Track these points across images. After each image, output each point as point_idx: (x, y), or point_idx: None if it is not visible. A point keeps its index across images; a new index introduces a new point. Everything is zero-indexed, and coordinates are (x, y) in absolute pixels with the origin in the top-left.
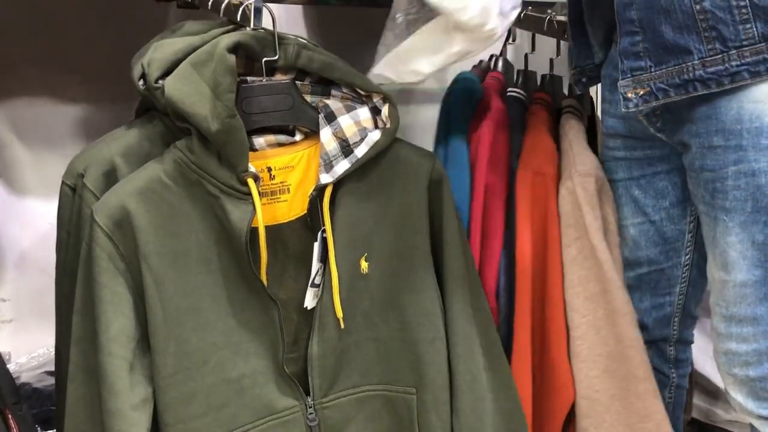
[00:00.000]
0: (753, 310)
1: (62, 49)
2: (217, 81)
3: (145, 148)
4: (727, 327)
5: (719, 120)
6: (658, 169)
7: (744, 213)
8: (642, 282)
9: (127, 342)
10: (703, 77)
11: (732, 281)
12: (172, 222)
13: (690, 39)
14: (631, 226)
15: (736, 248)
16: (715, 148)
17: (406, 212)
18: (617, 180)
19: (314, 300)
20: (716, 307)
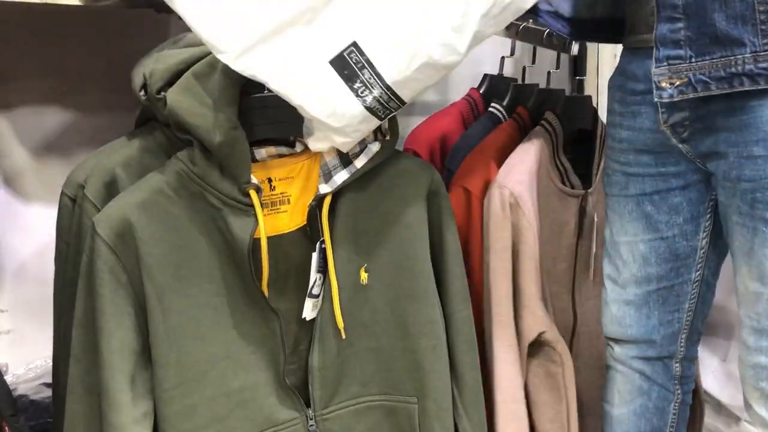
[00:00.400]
0: None
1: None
2: (220, 92)
3: (146, 159)
4: (757, 340)
5: (759, 129)
6: (673, 185)
7: None
8: (650, 299)
9: (129, 355)
10: (753, 72)
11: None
12: (174, 233)
13: (745, 30)
14: (642, 242)
15: None
16: (756, 158)
17: (406, 222)
18: (629, 195)
19: (314, 311)
20: (747, 320)
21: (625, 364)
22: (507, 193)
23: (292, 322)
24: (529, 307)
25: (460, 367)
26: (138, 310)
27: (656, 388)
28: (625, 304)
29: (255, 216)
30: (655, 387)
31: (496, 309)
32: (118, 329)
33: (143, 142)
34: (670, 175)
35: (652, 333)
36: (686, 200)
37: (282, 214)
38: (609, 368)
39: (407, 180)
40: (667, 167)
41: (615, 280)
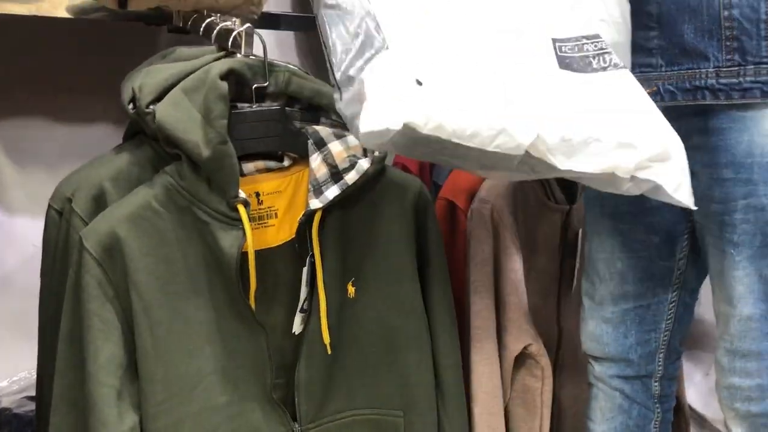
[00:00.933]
0: (758, 345)
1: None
2: (210, 108)
3: (134, 173)
4: (731, 361)
5: (729, 152)
6: (648, 205)
7: (752, 247)
8: (627, 317)
9: (116, 370)
10: (714, 87)
11: (738, 315)
12: (162, 248)
13: (710, 45)
14: (618, 260)
15: (743, 282)
16: (725, 180)
17: (394, 237)
18: (606, 213)
19: (302, 325)
20: (721, 341)
21: (605, 383)
22: (489, 207)
23: (280, 336)
24: (514, 320)
25: (444, 380)
26: (125, 325)
27: (636, 407)
28: (602, 322)
29: (243, 230)
30: (635, 405)
31: (475, 322)
32: (105, 344)
33: (131, 155)
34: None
35: (629, 352)
36: (662, 220)
37: (269, 228)
38: (591, 386)
39: (395, 194)
40: None
41: (592, 296)
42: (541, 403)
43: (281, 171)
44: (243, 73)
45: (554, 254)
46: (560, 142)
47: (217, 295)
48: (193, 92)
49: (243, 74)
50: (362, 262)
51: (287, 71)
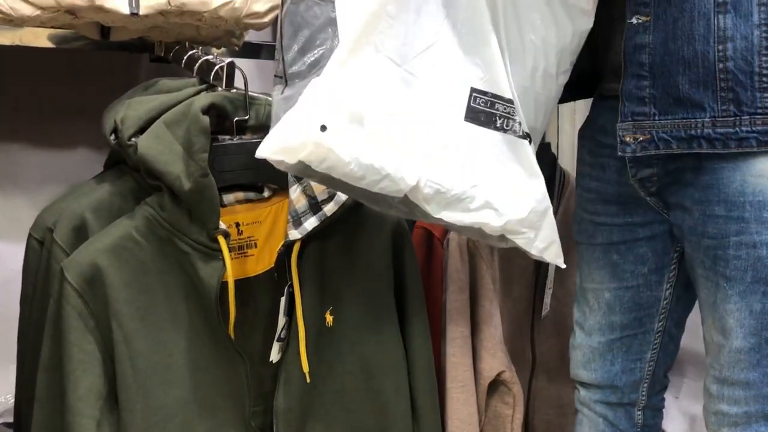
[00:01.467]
0: (746, 375)
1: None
2: (191, 141)
3: (115, 204)
4: (720, 389)
5: (722, 191)
6: (639, 235)
7: (744, 283)
8: (614, 346)
9: (96, 401)
10: (711, 136)
11: (728, 346)
12: (142, 279)
13: (705, 95)
14: (607, 290)
15: (734, 316)
16: (718, 217)
17: (371, 267)
18: (596, 244)
19: (279, 353)
20: (711, 369)
21: (590, 408)
22: (465, 236)
23: (258, 364)
24: (488, 348)
25: (420, 407)
26: (105, 355)
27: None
28: (590, 350)
29: (223, 260)
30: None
31: (450, 349)
32: (85, 375)
33: (113, 186)
34: (636, 225)
35: (615, 379)
36: (652, 250)
37: (249, 257)
38: (577, 411)
39: (372, 224)
40: (634, 218)
41: (582, 325)
42: (511, 429)
43: (261, 202)
44: (224, 106)
45: (529, 282)
46: (435, 193)
47: (196, 324)
48: (175, 126)
49: (224, 108)
50: (340, 291)
51: (268, 104)
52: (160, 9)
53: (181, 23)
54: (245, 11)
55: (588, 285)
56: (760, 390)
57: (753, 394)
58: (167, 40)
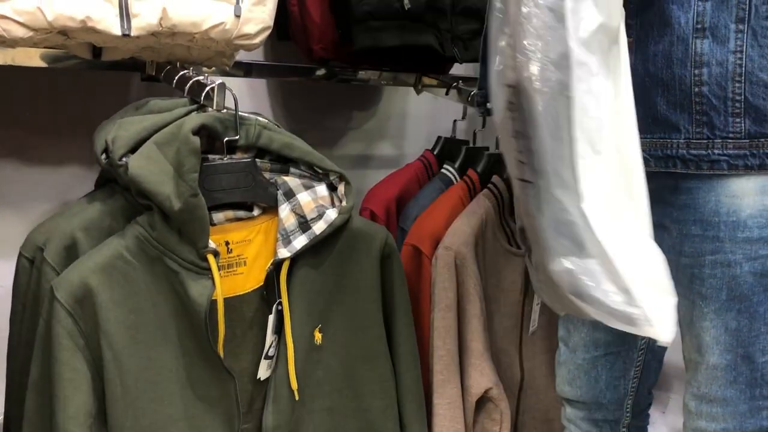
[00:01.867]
0: (723, 392)
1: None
2: (181, 162)
3: (106, 223)
4: (698, 406)
5: (698, 210)
6: None
7: (719, 301)
8: (598, 363)
9: (85, 419)
10: (685, 157)
11: (705, 363)
12: (132, 298)
13: (681, 117)
14: None
15: (710, 333)
16: (694, 237)
17: (360, 284)
18: None
19: (268, 371)
20: (689, 386)
21: (576, 425)
22: (453, 254)
23: (247, 381)
24: (476, 365)
25: (408, 425)
26: (95, 374)
27: None
28: (575, 367)
29: (212, 279)
30: None
31: (437, 366)
32: (75, 394)
33: (103, 205)
34: None
35: (600, 396)
36: None
37: (238, 275)
38: (563, 428)
39: (361, 243)
40: None
41: (566, 342)
42: None
43: (251, 220)
44: (214, 127)
45: (517, 298)
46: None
47: (186, 342)
48: (166, 146)
49: (214, 128)
50: (329, 309)
51: (258, 125)
52: (151, 30)
53: (173, 44)
54: (236, 33)
55: None
56: (737, 407)
57: (731, 410)
58: (159, 60)
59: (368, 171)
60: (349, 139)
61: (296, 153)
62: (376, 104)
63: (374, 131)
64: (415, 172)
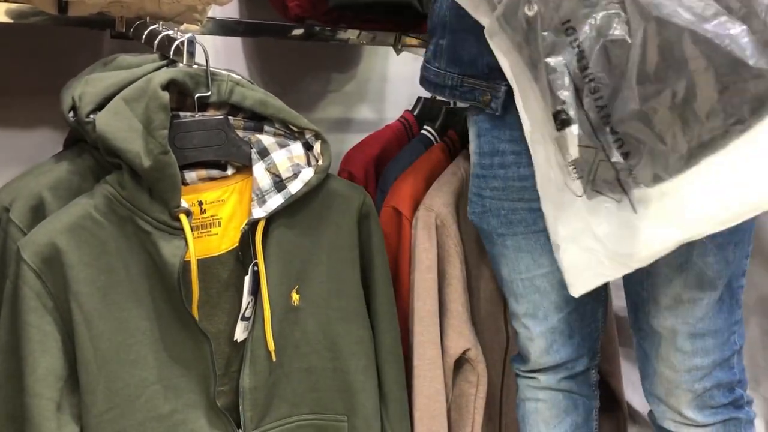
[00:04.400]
0: (715, 323)
1: None
2: (150, 118)
3: (74, 183)
4: (693, 343)
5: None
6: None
7: (722, 236)
8: (571, 320)
9: (55, 382)
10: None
11: (706, 298)
12: (102, 258)
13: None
14: (550, 273)
15: (713, 268)
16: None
17: (337, 245)
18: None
19: (245, 332)
20: (683, 327)
21: (552, 389)
22: (433, 215)
23: (223, 343)
24: (455, 326)
25: (387, 385)
26: (65, 336)
27: (581, 401)
28: (550, 333)
29: (185, 239)
30: (580, 400)
31: (417, 327)
32: (44, 356)
33: (71, 164)
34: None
35: (579, 349)
36: None
37: (213, 236)
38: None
39: (338, 203)
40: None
41: (534, 314)
42: (473, 409)
43: (224, 180)
44: (185, 82)
45: None
46: None
47: (159, 304)
48: (134, 102)
49: (185, 84)
50: (306, 269)
51: (230, 81)
52: None
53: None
54: None
55: (535, 272)
56: (723, 336)
57: (719, 341)
58: (129, 16)
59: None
60: (328, 101)
61: (270, 110)
62: (356, 66)
63: (354, 94)
64: (394, 134)
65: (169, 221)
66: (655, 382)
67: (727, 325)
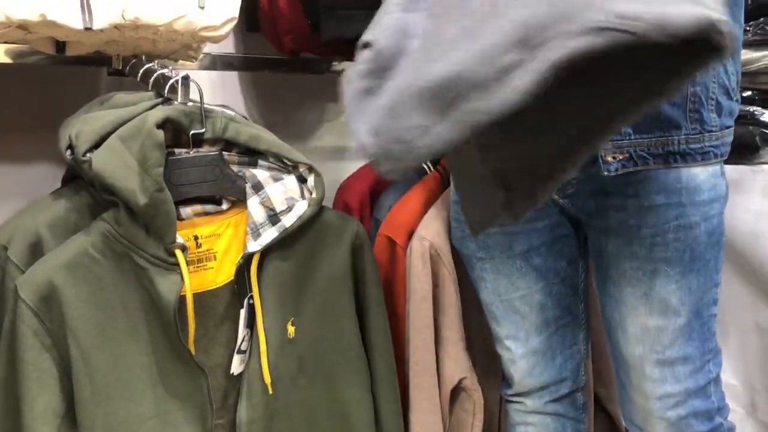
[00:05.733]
0: (685, 350)
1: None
2: (146, 156)
3: (72, 220)
4: (662, 371)
5: (660, 180)
6: (556, 234)
7: (683, 263)
8: (552, 341)
9: (53, 419)
10: (685, 152)
11: (671, 326)
12: (99, 295)
13: (680, 115)
14: (536, 292)
15: (676, 294)
16: (658, 206)
17: (332, 276)
18: (515, 255)
19: (241, 365)
20: (651, 355)
21: (539, 412)
22: (427, 244)
23: (220, 376)
24: (451, 354)
25: (383, 416)
26: (63, 373)
27: (569, 424)
28: (532, 355)
29: (181, 274)
30: (569, 423)
31: (414, 357)
32: (42, 393)
33: (69, 202)
34: (554, 225)
35: (562, 371)
36: (566, 246)
37: (208, 270)
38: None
39: (332, 234)
40: (550, 219)
41: (516, 336)
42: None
43: (219, 214)
44: (179, 120)
45: None
46: None
47: (156, 339)
48: (130, 140)
49: (179, 121)
50: (301, 301)
51: (224, 117)
52: (114, 23)
53: (137, 37)
54: (200, 24)
55: (513, 294)
56: (695, 364)
57: (690, 369)
58: (125, 54)
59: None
60: (324, 131)
61: (264, 145)
62: None
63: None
64: None
65: (165, 257)
66: (631, 410)
67: (699, 353)
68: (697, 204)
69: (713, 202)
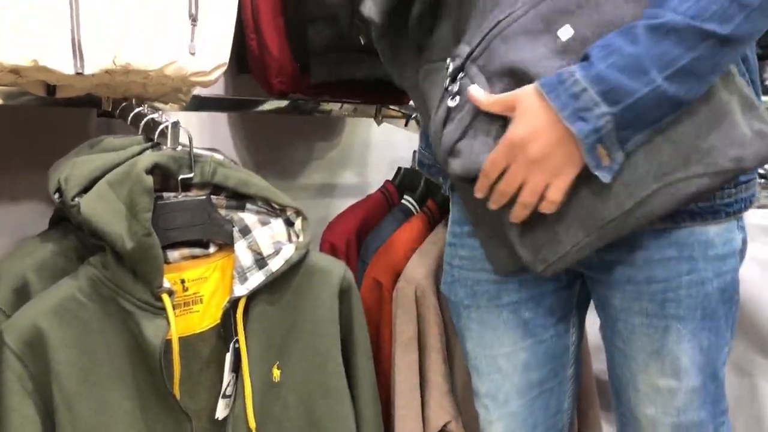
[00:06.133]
0: (698, 414)
1: None
2: (134, 201)
3: (59, 264)
4: None
5: (673, 234)
6: (548, 288)
7: (695, 320)
8: (534, 407)
9: None
10: (694, 211)
11: (684, 388)
12: (85, 339)
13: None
14: (522, 350)
15: (688, 354)
16: (669, 260)
17: (318, 319)
18: (503, 305)
19: (226, 410)
20: (664, 418)
21: None
22: (413, 287)
23: (204, 421)
24: (435, 398)
25: None
26: (46, 419)
27: None
28: (511, 419)
29: (167, 318)
30: None
31: (398, 401)
32: None
33: (56, 245)
34: (545, 278)
35: None
36: (558, 300)
37: (195, 313)
38: None
39: (319, 278)
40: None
41: (495, 396)
42: None
43: (207, 257)
44: (168, 166)
45: None
46: None
47: (141, 383)
48: (119, 185)
49: (168, 167)
50: (287, 345)
51: (213, 162)
52: (105, 68)
53: (128, 81)
54: (191, 70)
55: (497, 350)
56: (707, 428)
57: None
58: (115, 96)
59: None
60: (313, 169)
61: (252, 189)
62: (339, 134)
63: (337, 161)
64: (375, 204)
65: (152, 301)
66: None
67: (712, 416)
68: (710, 259)
69: (727, 257)
